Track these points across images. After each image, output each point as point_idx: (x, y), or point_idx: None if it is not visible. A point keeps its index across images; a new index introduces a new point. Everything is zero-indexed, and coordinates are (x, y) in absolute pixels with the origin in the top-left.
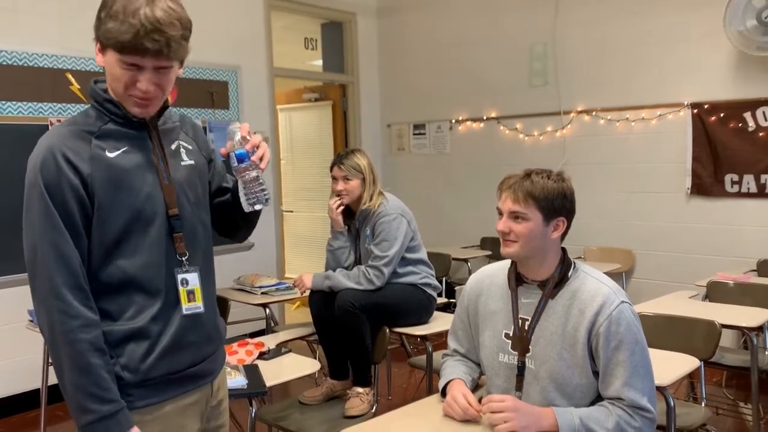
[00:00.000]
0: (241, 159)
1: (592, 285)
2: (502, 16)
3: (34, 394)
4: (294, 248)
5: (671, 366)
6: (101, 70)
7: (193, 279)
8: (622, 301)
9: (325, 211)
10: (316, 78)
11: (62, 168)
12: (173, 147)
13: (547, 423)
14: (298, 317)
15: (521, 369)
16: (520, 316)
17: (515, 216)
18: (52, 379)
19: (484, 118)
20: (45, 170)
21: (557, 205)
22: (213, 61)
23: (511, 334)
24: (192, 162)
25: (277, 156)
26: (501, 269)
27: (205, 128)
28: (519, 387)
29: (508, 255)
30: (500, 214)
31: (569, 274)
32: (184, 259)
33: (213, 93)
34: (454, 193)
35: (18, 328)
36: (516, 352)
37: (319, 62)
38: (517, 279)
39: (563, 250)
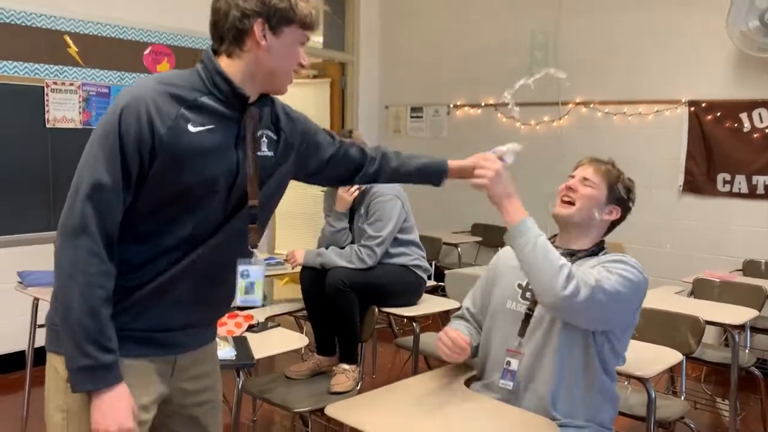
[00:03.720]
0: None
1: (614, 255)
2: (507, 3)
3: (19, 355)
4: (285, 224)
5: (655, 359)
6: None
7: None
8: (636, 266)
9: (316, 188)
10: (316, 55)
11: (142, 121)
12: (257, 134)
13: (511, 207)
14: (286, 293)
15: (528, 316)
16: None
17: (585, 182)
18: (39, 342)
19: (482, 104)
20: (126, 114)
21: (621, 193)
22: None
23: (523, 285)
24: (270, 153)
25: None
26: None
27: None
28: (522, 333)
29: (562, 215)
30: (571, 177)
31: (599, 253)
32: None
33: None
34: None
35: (7, 290)
36: (527, 301)
37: (320, 39)
38: None
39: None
